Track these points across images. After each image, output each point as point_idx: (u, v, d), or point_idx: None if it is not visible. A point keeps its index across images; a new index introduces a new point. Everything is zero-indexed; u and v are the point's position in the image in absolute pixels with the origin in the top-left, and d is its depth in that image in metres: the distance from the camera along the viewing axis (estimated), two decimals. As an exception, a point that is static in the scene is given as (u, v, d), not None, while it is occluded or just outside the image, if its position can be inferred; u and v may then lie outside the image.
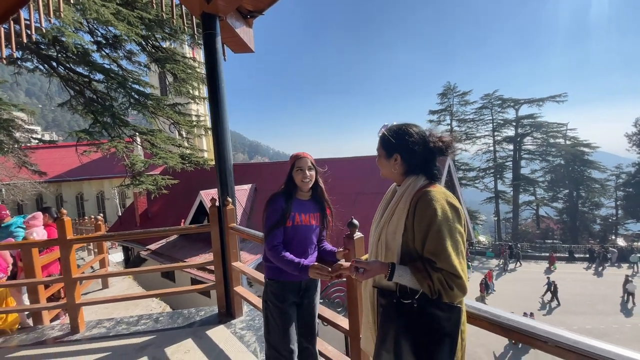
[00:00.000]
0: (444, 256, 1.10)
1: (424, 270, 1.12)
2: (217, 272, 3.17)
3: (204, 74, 11.22)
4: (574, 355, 1.05)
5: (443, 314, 1.12)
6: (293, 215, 1.83)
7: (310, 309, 1.93)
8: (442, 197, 1.17)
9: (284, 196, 1.86)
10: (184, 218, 14.05)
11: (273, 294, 1.85)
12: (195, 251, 11.67)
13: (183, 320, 3.17)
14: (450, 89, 35.98)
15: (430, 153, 1.29)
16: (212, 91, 3.08)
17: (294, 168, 1.86)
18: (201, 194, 12.79)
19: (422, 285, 1.12)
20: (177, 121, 11.18)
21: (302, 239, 1.86)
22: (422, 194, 1.19)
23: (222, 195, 3.18)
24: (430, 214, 1.13)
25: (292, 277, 1.83)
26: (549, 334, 1.11)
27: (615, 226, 32.82)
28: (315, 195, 1.94)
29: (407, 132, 1.30)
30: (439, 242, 1.11)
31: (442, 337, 1.11)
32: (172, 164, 10.54)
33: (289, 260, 1.74)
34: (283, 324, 1.80)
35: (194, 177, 14.64)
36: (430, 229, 1.13)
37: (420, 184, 1.27)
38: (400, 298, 1.19)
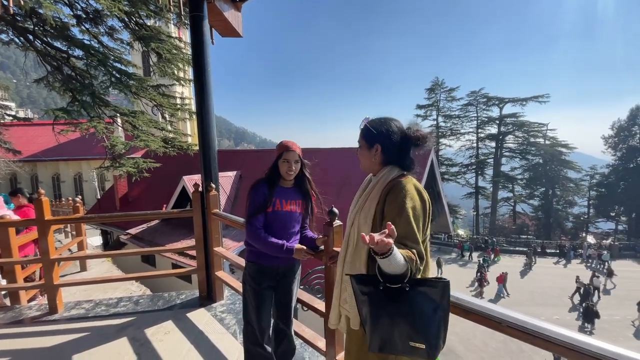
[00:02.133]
0: (415, 239, 1.20)
1: (404, 249, 1.15)
2: (199, 256, 3.21)
3: (190, 55, 10.91)
4: (522, 334, 1.18)
5: (432, 289, 1.15)
6: (274, 201, 1.90)
7: (286, 293, 2.02)
8: (412, 189, 1.27)
9: (267, 183, 1.92)
10: (166, 203, 13.84)
11: (250, 276, 1.96)
12: (176, 237, 11.56)
13: (163, 303, 3.21)
14: (438, 85, 36.38)
15: (406, 144, 1.37)
16: (198, 75, 3.04)
17: (280, 158, 1.90)
18: (184, 180, 12.62)
19: (409, 259, 1.13)
20: (160, 103, 10.87)
21: (283, 225, 1.93)
22: (394, 184, 1.29)
23: (205, 180, 3.19)
24: (399, 202, 1.23)
25: (269, 262, 1.94)
26: (504, 315, 1.23)
27: (587, 224, 34.51)
28: (299, 183, 2.00)
29: (387, 123, 1.39)
30: (409, 227, 1.20)
31: (437, 310, 1.15)
32: (154, 148, 10.30)
33: (272, 243, 1.84)
34: (257, 304, 1.92)
35: (177, 162, 14.37)
36: (400, 215, 1.21)
37: (393, 174, 1.36)
38: (386, 283, 1.17)
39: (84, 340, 2.59)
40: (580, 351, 1.05)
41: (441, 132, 37.04)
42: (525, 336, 1.17)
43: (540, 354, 11.03)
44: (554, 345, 1.11)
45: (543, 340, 1.13)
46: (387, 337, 1.20)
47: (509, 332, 1.20)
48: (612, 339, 12.32)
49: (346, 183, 11.47)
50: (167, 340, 2.57)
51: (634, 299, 14.82)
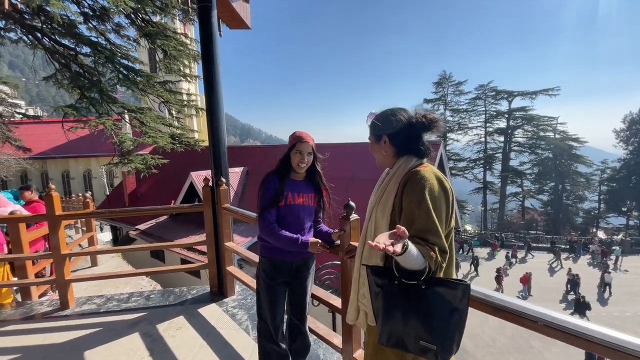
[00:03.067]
0: (435, 233, 1.12)
1: (423, 246, 1.09)
2: (210, 251, 3.17)
3: (196, 51, 10.89)
4: (561, 334, 1.10)
5: (451, 291, 1.09)
6: (286, 194, 1.84)
7: (301, 289, 1.97)
8: (433, 178, 1.19)
9: (278, 175, 1.86)
10: (174, 199, 13.92)
11: (264, 271, 1.91)
12: (184, 232, 11.62)
13: (175, 298, 3.19)
14: (445, 79, 35.90)
15: (415, 129, 1.31)
16: (207, 68, 2.98)
17: (293, 149, 1.83)
18: (192, 175, 12.65)
19: (428, 257, 1.08)
20: (167, 100, 10.87)
21: (296, 219, 1.87)
22: (412, 174, 1.22)
23: (215, 175, 3.15)
24: (418, 193, 1.15)
25: (283, 257, 1.89)
26: (539, 313, 1.15)
27: (597, 219, 33.92)
28: (311, 177, 1.94)
29: (391, 113, 1.35)
30: (428, 220, 1.12)
31: (454, 313, 1.10)
32: (162, 144, 10.33)
33: (286, 237, 1.78)
34: (270, 299, 1.88)
35: (184, 158, 14.39)
36: (419, 207, 1.14)
37: (411, 164, 1.29)
38: (402, 278, 1.13)
39: (95, 336, 2.58)
40: (627, 352, 0.98)
41: (449, 126, 36.60)
42: (564, 336, 1.09)
43: (551, 350, 10.90)
44: (597, 346, 1.03)
45: (585, 341, 1.05)
46: (397, 333, 1.18)
47: (546, 331, 1.12)
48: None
49: (354, 178, 11.39)
50: (179, 336, 2.55)
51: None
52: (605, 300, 15.41)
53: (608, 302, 15.20)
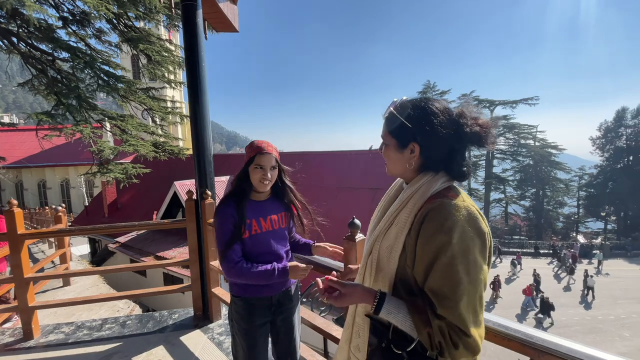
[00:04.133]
0: (450, 302, 0.78)
1: (425, 313, 0.81)
2: (194, 272, 2.90)
3: (181, 57, 10.63)
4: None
5: None
6: (249, 223, 1.50)
7: (287, 326, 1.63)
8: (464, 216, 0.81)
9: (234, 201, 1.50)
10: (157, 210, 13.41)
11: (237, 313, 1.55)
12: (168, 244, 11.15)
13: (154, 325, 2.89)
14: (430, 87, 36.59)
15: (461, 141, 0.90)
16: (191, 72, 2.77)
17: (251, 163, 1.48)
18: (175, 185, 12.22)
19: (420, 332, 0.81)
20: (150, 107, 10.55)
21: (268, 248, 1.54)
22: (434, 207, 0.84)
23: (200, 187, 2.90)
24: (441, 240, 0.79)
25: (259, 293, 1.54)
26: (564, 348, 0.97)
27: (577, 224, 34.93)
28: (277, 194, 1.62)
29: (429, 110, 0.90)
30: (446, 281, 0.78)
31: None
32: (144, 152, 9.96)
33: (259, 272, 1.44)
34: (249, 347, 1.53)
35: (168, 167, 13.96)
36: (438, 260, 0.79)
37: (435, 186, 0.90)
38: (391, 343, 0.88)
39: (62, 372, 2.27)
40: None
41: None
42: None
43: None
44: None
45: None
46: None
47: None
48: (608, 338, 12.26)
49: (342, 187, 11.25)
50: (158, 370, 2.27)
51: (628, 298, 14.90)
52: (589, 304, 15.67)
53: (592, 306, 15.45)
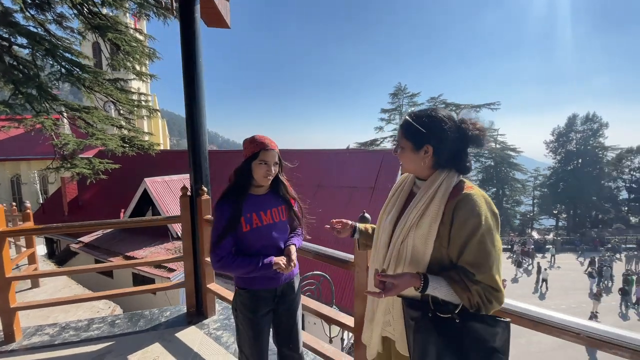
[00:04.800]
0: (485, 268, 1.01)
1: (462, 282, 1.03)
2: (187, 268, 2.87)
3: (151, 49, 10.19)
4: (603, 344, 1.10)
5: (490, 328, 1.03)
6: (249, 217, 1.54)
7: (290, 314, 1.70)
8: (484, 203, 1.07)
9: (234, 195, 1.55)
10: (124, 208, 12.75)
11: (243, 304, 1.61)
12: (138, 244, 10.66)
13: (145, 323, 2.82)
14: (401, 90, 37.70)
15: (464, 143, 1.15)
16: (188, 66, 2.73)
17: (255, 158, 1.52)
18: (146, 182, 11.70)
19: (461, 297, 1.03)
20: (117, 99, 10.03)
21: (270, 241, 1.59)
22: (462, 198, 1.07)
23: (195, 183, 2.88)
24: (473, 223, 1.03)
25: (265, 285, 1.60)
26: (581, 326, 1.15)
27: (532, 221, 37.75)
28: (275, 188, 1.66)
29: (439, 118, 1.14)
30: (480, 253, 1.02)
31: (492, 353, 1.02)
32: (113, 147, 9.46)
33: (242, 263, 1.50)
34: (254, 335, 1.60)
35: (135, 163, 13.32)
36: (472, 239, 1.03)
37: (454, 181, 1.14)
38: (437, 311, 1.08)
39: (51, 374, 2.17)
40: None
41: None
42: (607, 345, 1.10)
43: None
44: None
45: (626, 349, 1.07)
46: None
47: (590, 342, 1.13)
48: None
49: (320, 186, 11.35)
50: (157, 367, 2.24)
51: (577, 289, 16.40)
52: (544, 295, 17.05)
53: (546, 297, 16.83)
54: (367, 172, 11.03)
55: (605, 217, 36.27)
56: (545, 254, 23.25)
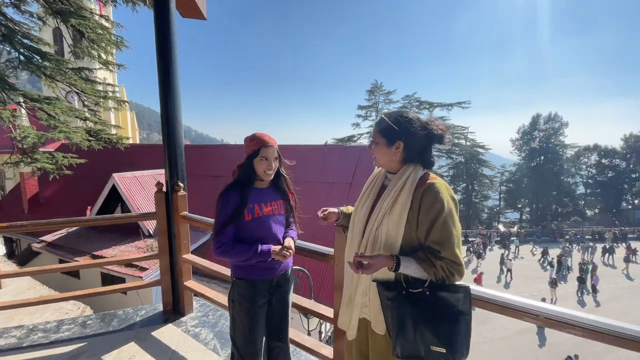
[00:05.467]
0: (448, 245, 1.18)
1: (428, 260, 1.20)
2: (163, 265, 2.81)
3: (117, 36, 9.69)
4: (560, 325, 1.22)
5: (453, 295, 1.21)
6: (252, 207, 1.63)
7: (282, 306, 1.77)
8: (445, 190, 1.24)
9: (239, 186, 1.64)
10: (91, 205, 12.13)
11: (240, 295, 1.66)
12: (106, 242, 10.21)
13: (119, 323, 2.74)
14: (377, 87, 38.21)
15: (430, 140, 1.32)
16: (163, 57, 2.65)
17: (256, 155, 1.62)
18: (114, 178, 11.19)
19: (428, 272, 1.20)
20: (82, 89, 9.48)
21: (269, 231, 1.67)
22: (427, 187, 1.24)
23: (170, 179, 2.81)
24: (437, 207, 1.19)
25: (263, 275, 1.67)
26: (540, 308, 1.26)
27: (498, 214, 39.79)
28: (275, 182, 1.76)
29: (409, 118, 1.31)
30: (444, 232, 1.19)
31: (459, 315, 1.20)
32: (77, 141, 8.95)
33: (241, 249, 1.57)
34: (250, 326, 1.65)
35: (102, 157, 12.68)
36: (437, 221, 1.19)
37: (420, 173, 1.31)
38: (409, 288, 1.24)
39: (18, 379, 2.07)
40: (621, 336, 1.12)
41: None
42: (562, 326, 1.22)
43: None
44: (589, 332, 1.17)
45: (580, 329, 1.19)
46: (410, 341, 1.23)
47: (548, 324, 1.25)
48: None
49: (298, 181, 11.30)
50: (133, 366, 2.19)
51: (538, 278, 17.53)
52: (508, 284, 18.09)
53: (510, 285, 17.87)
54: (344, 167, 11.16)
55: (564, 210, 38.92)
56: (509, 245, 24.57)
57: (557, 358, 10.76)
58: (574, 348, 10.61)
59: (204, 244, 10.49)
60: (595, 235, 28.06)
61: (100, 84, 10.80)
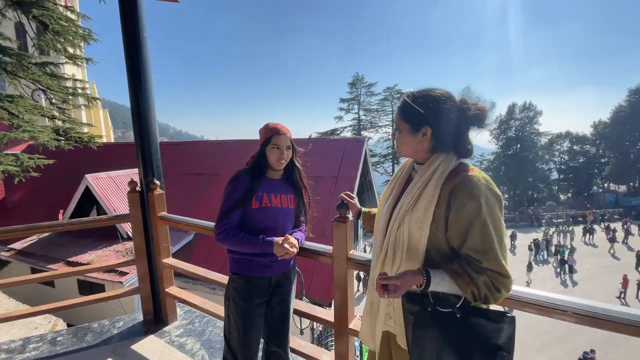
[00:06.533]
0: (492, 254, 0.95)
1: (465, 274, 0.96)
2: (141, 272, 2.57)
3: (85, 29, 9.10)
4: (591, 320, 1.11)
5: (493, 324, 0.97)
6: (261, 195, 1.56)
7: (282, 308, 1.66)
8: (485, 185, 1.00)
9: (250, 174, 1.57)
10: (63, 209, 11.46)
11: (236, 291, 1.58)
12: (82, 248, 9.66)
13: (94, 337, 2.48)
14: (358, 80, 38.15)
15: (465, 124, 1.08)
16: (130, 42, 2.36)
17: (268, 143, 1.56)
18: (87, 179, 10.58)
19: (465, 291, 0.97)
20: (47, 86, 8.88)
21: (274, 224, 1.59)
22: (461, 180, 1.01)
23: (145, 177, 2.55)
24: (472, 206, 0.97)
25: (260, 272, 1.58)
26: (568, 303, 1.14)
27: (478, 202, 41.16)
28: (289, 174, 1.68)
29: (438, 98, 1.07)
30: (485, 238, 0.96)
31: (496, 351, 0.96)
32: (44, 141, 8.42)
33: (243, 238, 1.50)
34: (244, 326, 1.56)
35: (74, 157, 12.00)
36: (474, 223, 0.96)
37: (452, 164, 1.08)
38: (436, 306, 1.02)
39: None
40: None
41: (362, 125, 39.18)
42: (593, 321, 1.10)
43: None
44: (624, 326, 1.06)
45: (613, 323, 1.07)
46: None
47: (577, 320, 1.12)
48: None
49: (282, 175, 11.08)
50: (111, 386, 1.97)
51: (517, 262, 18.10)
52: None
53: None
54: (330, 161, 11.00)
55: (539, 195, 40.47)
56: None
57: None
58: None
59: (188, 244, 10.12)
60: (569, 219, 29.31)
61: (68, 80, 10.17)
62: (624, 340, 10.20)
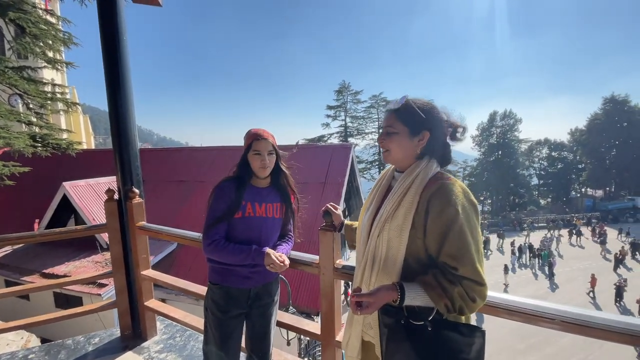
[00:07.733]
0: (467, 260, 0.96)
1: (438, 287, 0.96)
2: (119, 284, 2.45)
3: (65, 32, 8.87)
4: (579, 328, 1.10)
5: (464, 339, 0.98)
6: (244, 204, 1.51)
7: (263, 321, 1.61)
8: (461, 192, 1.03)
9: (235, 183, 1.52)
10: (39, 218, 10.98)
11: (213, 302, 1.55)
12: (58, 258, 9.25)
13: (67, 355, 2.33)
14: (345, 87, 38.52)
15: (453, 135, 1.17)
16: (109, 43, 2.28)
17: (250, 150, 1.51)
18: (65, 187, 10.20)
19: (438, 305, 0.97)
20: (25, 90, 8.58)
21: (257, 234, 1.53)
22: (438, 187, 1.03)
23: (124, 185, 2.45)
24: (451, 213, 0.98)
25: (239, 284, 1.53)
26: (556, 310, 1.13)
27: (462, 208, 42.03)
28: (276, 182, 1.62)
29: (435, 107, 1.14)
30: (462, 244, 0.96)
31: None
32: (19, 147, 8.09)
33: (234, 248, 1.45)
34: (221, 338, 1.53)
35: (51, 165, 11.58)
36: (450, 230, 0.97)
37: (431, 172, 1.10)
38: (410, 318, 1.02)
39: None
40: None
41: (349, 132, 39.51)
42: (581, 329, 1.09)
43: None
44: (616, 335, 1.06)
45: (601, 331, 1.07)
46: None
47: (565, 327, 1.11)
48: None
49: (268, 182, 10.97)
50: (83, 409, 1.84)
51: (500, 266, 18.43)
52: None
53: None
54: (317, 167, 10.98)
55: (520, 200, 41.57)
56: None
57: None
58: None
59: (170, 254, 9.83)
60: (549, 223, 30.16)
61: (47, 85, 9.86)
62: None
